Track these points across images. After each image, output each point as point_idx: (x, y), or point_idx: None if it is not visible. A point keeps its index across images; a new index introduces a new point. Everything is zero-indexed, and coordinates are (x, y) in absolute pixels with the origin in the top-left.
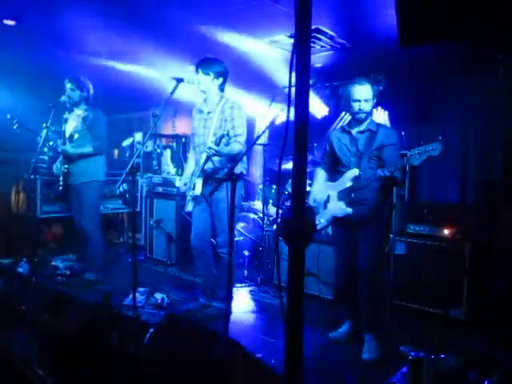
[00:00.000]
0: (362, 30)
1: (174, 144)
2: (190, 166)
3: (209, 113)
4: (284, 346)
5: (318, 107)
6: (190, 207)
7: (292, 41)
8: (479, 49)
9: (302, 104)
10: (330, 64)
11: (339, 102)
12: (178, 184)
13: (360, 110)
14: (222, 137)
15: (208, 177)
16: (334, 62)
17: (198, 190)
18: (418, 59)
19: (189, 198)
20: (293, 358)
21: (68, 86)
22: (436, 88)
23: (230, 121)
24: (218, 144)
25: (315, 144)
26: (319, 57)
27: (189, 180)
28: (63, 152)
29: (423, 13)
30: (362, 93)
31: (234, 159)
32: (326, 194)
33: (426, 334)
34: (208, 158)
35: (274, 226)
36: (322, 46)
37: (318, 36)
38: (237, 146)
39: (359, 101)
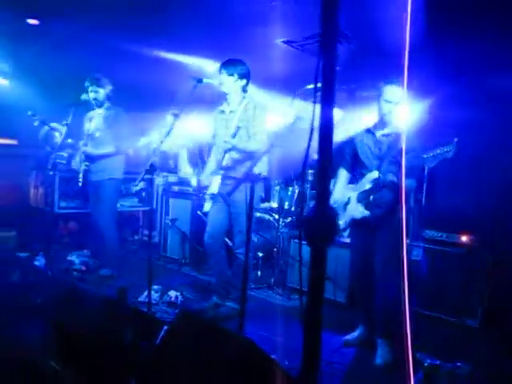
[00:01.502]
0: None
1: (191, 144)
2: (211, 166)
3: (230, 112)
4: (302, 348)
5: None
6: (207, 207)
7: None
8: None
9: (327, 106)
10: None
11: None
12: (193, 183)
13: (390, 112)
14: (239, 128)
15: (226, 175)
16: (352, 63)
17: (215, 187)
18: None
19: (207, 196)
20: (310, 361)
21: (90, 89)
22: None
23: (252, 119)
24: (233, 137)
25: None
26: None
27: (207, 178)
28: (85, 153)
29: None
30: (395, 94)
31: (251, 157)
32: (347, 196)
33: (440, 342)
34: (225, 153)
35: (293, 226)
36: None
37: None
38: (254, 143)
39: (390, 102)
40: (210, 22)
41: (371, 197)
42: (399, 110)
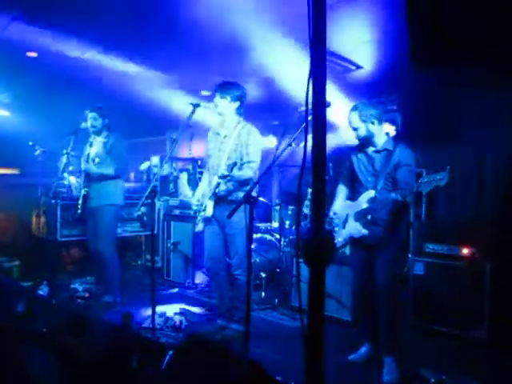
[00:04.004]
0: (376, 51)
1: (191, 167)
2: (203, 187)
3: (225, 136)
4: (304, 367)
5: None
6: (200, 227)
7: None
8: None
9: (319, 127)
10: (343, 85)
11: None
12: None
13: (357, 136)
14: (235, 164)
15: (220, 199)
16: (347, 82)
17: (209, 211)
18: (431, 79)
19: (199, 218)
20: (313, 380)
21: (90, 115)
22: (451, 106)
23: (246, 146)
24: (230, 171)
25: (330, 164)
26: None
27: (200, 201)
28: (86, 170)
29: (436, 36)
30: (351, 121)
31: (245, 183)
32: (345, 213)
33: (446, 356)
34: (219, 184)
35: (293, 246)
36: (333, 68)
37: (331, 58)
38: (249, 171)
39: (353, 128)
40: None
41: (369, 216)
42: (363, 132)
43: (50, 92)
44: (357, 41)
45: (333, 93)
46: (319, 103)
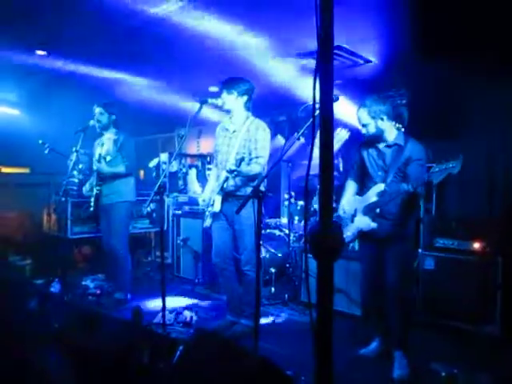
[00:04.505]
0: (384, 45)
1: (199, 163)
2: (211, 183)
3: (234, 131)
4: (314, 363)
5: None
6: (208, 223)
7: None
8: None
9: (327, 122)
10: (351, 79)
11: None
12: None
13: (366, 132)
14: (242, 159)
15: (228, 194)
16: (355, 77)
17: (217, 206)
18: (441, 72)
19: (207, 213)
20: (323, 375)
21: (97, 110)
22: (461, 99)
23: (254, 142)
24: (238, 166)
25: (340, 158)
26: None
27: (208, 196)
28: (98, 170)
29: (447, 25)
30: (360, 118)
31: (253, 179)
32: (354, 208)
33: (457, 351)
34: (227, 178)
35: (302, 241)
36: (342, 63)
37: (339, 52)
38: (257, 167)
39: (362, 125)
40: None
41: (378, 209)
42: (372, 129)
43: (60, 90)
44: (365, 34)
45: (340, 87)
46: (326, 97)
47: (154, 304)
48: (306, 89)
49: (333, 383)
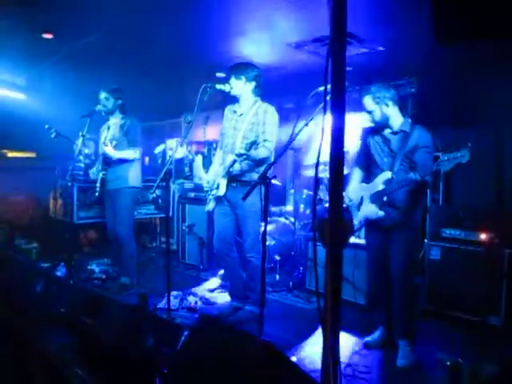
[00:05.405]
0: (395, 32)
1: (206, 150)
2: (215, 166)
3: (241, 115)
4: (322, 350)
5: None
6: (210, 206)
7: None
8: None
9: (338, 110)
10: (360, 66)
11: None
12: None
13: (372, 119)
14: (253, 143)
15: (233, 179)
16: (365, 64)
17: (222, 190)
18: (452, 59)
19: (210, 197)
20: (329, 362)
21: (102, 95)
22: (470, 88)
23: (262, 125)
24: (248, 150)
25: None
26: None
27: (212, 179)
28: (104, 155)
29: (460, 10)
30: (366, 105)
31: (260, 163)
32: (360, 196)
33: (461, 342)
34: (234, 162)
35: (308, 229)
36: (354, 49)
37: (349, 40)
38: (264, 151)
39: (367, 112)
40: None
41: (385, 197)
42: (378, 116)
43: (66, 74)
44: (377, 21)
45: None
46: (339, 84)
47: (159, 289)
48: (316, 75)
49: (339, 371)
